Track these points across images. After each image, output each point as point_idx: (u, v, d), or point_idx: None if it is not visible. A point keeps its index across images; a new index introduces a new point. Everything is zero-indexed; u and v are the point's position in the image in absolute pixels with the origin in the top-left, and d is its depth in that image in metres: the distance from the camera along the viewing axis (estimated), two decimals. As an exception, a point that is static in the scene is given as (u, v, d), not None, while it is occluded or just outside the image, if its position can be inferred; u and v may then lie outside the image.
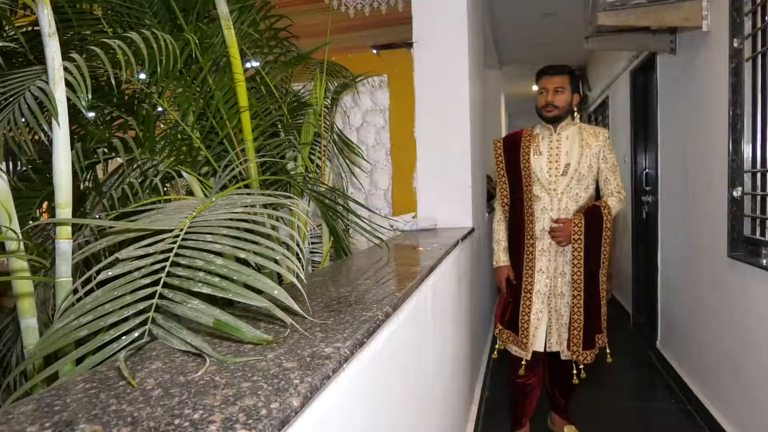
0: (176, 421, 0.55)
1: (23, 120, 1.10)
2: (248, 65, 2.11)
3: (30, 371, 1.09)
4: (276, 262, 0.95)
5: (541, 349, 2.49)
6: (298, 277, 1.04)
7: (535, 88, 2.65)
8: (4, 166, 1.21)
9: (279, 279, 1.93)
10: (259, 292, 0.86)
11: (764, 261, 2.19)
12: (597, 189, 2.53)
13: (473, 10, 3.13)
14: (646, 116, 4.40)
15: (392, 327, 1.10)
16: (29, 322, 1.12)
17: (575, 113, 7.99)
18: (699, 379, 3.03)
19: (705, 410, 2.84)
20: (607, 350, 2.51)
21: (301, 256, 1.06)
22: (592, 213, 2.39)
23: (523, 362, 2.54)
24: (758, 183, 2.33)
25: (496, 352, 2.70)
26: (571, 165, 2.42)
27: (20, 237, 1.07)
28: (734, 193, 2.45)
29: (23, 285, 1.09)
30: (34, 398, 0.64)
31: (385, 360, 1.06)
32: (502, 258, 2.63)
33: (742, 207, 2.41)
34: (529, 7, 4.65)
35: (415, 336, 1.37)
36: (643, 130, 4.54)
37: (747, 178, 2.39)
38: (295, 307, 0.85)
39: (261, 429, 0.53)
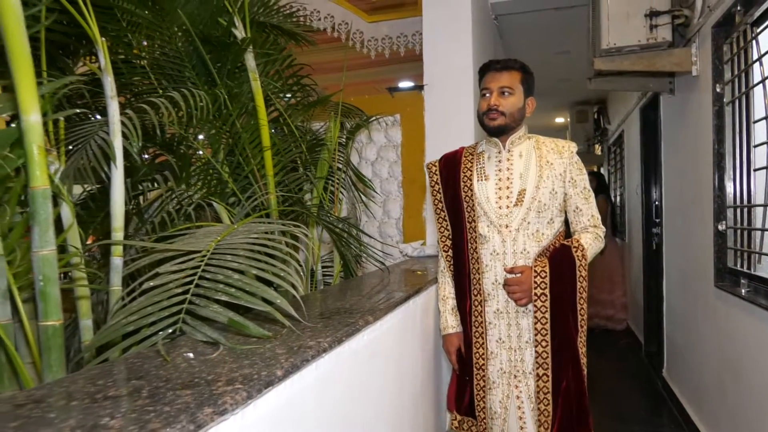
0: (196, 380, 0.81)
1: (89, 161, 1.40)
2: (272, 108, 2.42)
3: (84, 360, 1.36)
4: (280, 277, 1.21)
5: None
6: (296, 289, 1.30)
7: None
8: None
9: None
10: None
11: (743, 291, 2.35)
12: (567, 224, 1.94)
13: (480, 53, 3.40)
14: (656, 150, 4.56)
15: (374, 333, 1.34)
16: (86, 322, 1.41)
17: (595, 144, 8.14)
18: (695, 404, 3.14)
19: (700, 435, 2.96)
20: None
21: (301, 273, 1.31)
22: (561, 256, 1.79)
23: None
24: (738, 218, 2.50)
25: None
26: (528, 191, 1.80)
27: (83, 254, 1.36)
28: (719, 227, 2.62)
29: (83, 290, 1.38)
30: (97, 366, 0.90)
31: (366, 359, 1.30)
32: (450, 323, 1.96)
33: (726, 240, 2.58)
34: (540, 46, 4.89)
35: (398, 345, 1.61)
36: (654, 163, 4.69)
37: (730, 213, 2.57)
38: (293, 312, 1.10)
39: (251, 386, 0.79)
